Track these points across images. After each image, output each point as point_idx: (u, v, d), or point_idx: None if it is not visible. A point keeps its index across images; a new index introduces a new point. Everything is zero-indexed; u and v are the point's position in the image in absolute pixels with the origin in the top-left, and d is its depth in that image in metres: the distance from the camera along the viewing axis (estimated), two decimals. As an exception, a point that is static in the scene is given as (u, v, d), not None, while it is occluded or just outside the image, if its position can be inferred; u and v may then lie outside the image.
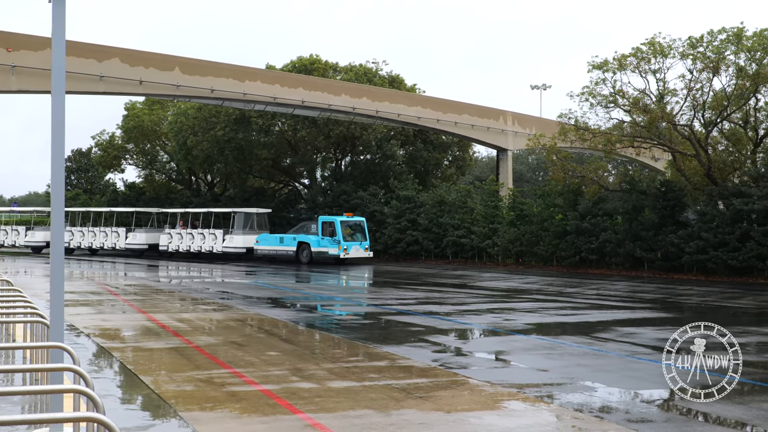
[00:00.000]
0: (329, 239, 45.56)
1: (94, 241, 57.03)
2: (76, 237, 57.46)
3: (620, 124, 42.06)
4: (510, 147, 62.68)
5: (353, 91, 53.40)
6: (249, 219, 51.81)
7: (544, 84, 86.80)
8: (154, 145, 70.65)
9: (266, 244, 48.66)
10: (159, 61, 45.03)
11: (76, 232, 57.55)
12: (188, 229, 52.95)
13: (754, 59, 37.34)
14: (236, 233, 50.77)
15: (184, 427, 9.49)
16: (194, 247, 51.81)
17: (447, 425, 9.61)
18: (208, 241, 51.33)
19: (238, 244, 50.27)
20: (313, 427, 9.43)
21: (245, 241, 50.18)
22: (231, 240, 50.54)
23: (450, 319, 20.59)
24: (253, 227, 51.69)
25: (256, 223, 52.13)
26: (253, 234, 50.58)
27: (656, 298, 26.98)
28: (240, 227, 51.18)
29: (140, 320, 19.45)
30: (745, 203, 35.21)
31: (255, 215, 52.47)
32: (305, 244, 46.47)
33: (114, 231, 56.48)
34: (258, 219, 52.52)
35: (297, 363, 13.61)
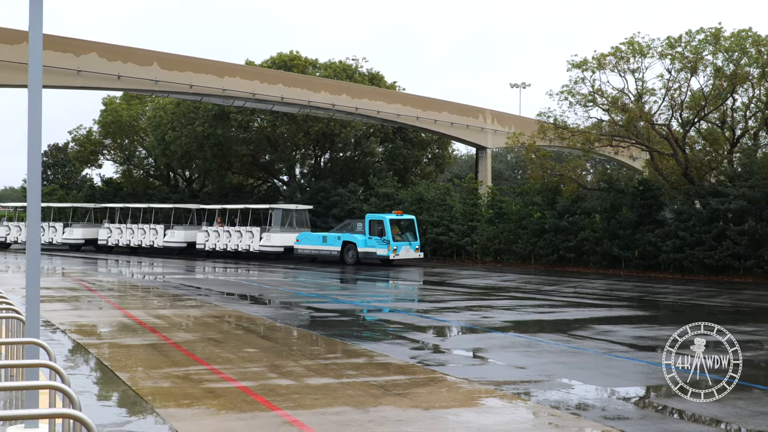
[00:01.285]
0: (377, 239, 42.26)
1: (132, 239, 54.10)
2: (114, 234, 55.02)
3: (599, 123, 42.22)
4: (489, 145, 62.79)
5: (333, 87, 53.34)
6: (288, 216, 49.00)
7: (524, 82, 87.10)
8: (132, 140, 70.28)
9: (308, 243, 45.41)
10: (137, 56, 44.80)
11: (114, 229, 55.21)
12: (226, 227, 50.20)
13: (732, 59, 37.58)
14: (274, 231, 47.81)
15: (161, 424, 9.45)
16: (231, 246, 48.92)
17: (425, 422, 9.61)
18: (245, 239, 48.51)
19: (276, 242, 47.29)
20: (291, 423, 9.42)
21: (283, 240, 47.24)
22: (268, 238, 47.47)
23: (428, 317, 20.62)
24: (292, 225, 48.80)
25: (295, 220, 49.18)
26: (292, 232, 47.70)
27: (633, 297, 27.11)
28: (278, 225, 48.22)
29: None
30: (722, 203, 35.43)
31: (294, 212, 49.43)
32: (351, 244, 43.20)
33: (152, 228, 53.73)
34: (297, 216, 49.53)
35: (275, 360, 13.59)
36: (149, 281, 32.46)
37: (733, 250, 34.85)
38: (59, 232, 57.07)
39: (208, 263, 44.53)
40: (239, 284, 30.51)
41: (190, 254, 51.64)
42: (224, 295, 25.82)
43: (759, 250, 34.27)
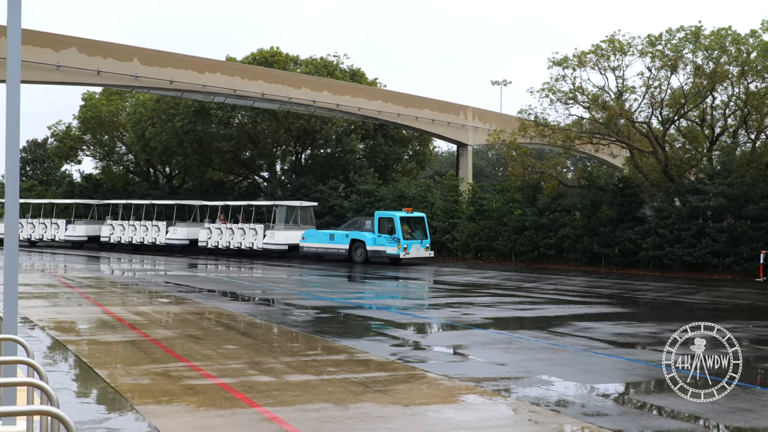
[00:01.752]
0: (387, 237, 40.69)
1: (134, 236, 52.46)
2: (117, 231, 53.31)
3: (579, 120, 42.34)
4: (470, 142, 62.87)
5: (314, 84, 53.29)
6: (292, 213, 47.32)
7: (505, 80, 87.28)
8: (112, 136, 69.86)
9: (314, 240, 43.70)
10: (117, 52, 44.60)
11: (116, 226, 53.55)
12: (229, 224, 48.39)
13: (712, 58, 37.78)
14: (278, 228, 46.12)
15: (140, 421, 9.41)
16: (234, 244, 47.29)
17: (405, 419, 9.62)
18: (249, 236, 46.90)
19: (280, 240, 45.61)
20: (271, 420, 9.41)
21: (287, 238, 45.60)
22: (272, 236, 45.81)
23: (409, 313, 20.63)
24: (296, 222, 47.14)
25: (299, 217, 47.58)
26: (297, 229, 46.09)
27: (613, 294, 27.22)
28: (282, 222, 46.58)
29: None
30: (701, 200, 35.62)
31: (299, 209, 47.77)
32: (359, 242, 41.59)
33: (154, 225, 51.95)
34: (302, 213, 47.94)
35: (255, 356, 13.57)
36: (139, 279, 32.33)
37: (712, 247, 35.04)
38: (62, 229, 55.88)
39: (210, 261, 43.52)
40: (236, 284, 30.41)
41: (192, 252, 50.53)
42: (214, 293, 25.75)
43: (738, 247, 34.46)
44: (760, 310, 22.78)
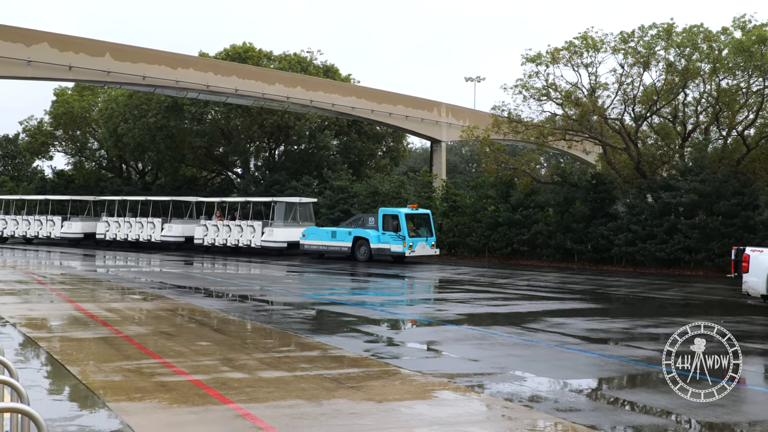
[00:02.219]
0: (392, 234, 39.28)
1: (130, 233, 51.05)
2: (113, 228, 51.96)
3: (552, 117, 42.49)
4: (444, 138, 63.02)
5: (287, 80, 53.21)
6: (291, 209, 46.00)
7: (479, 76, 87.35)
8: (84, 131, 69.43)
9: (315, 238, 42.32)
10: (89, 47, 44.35)
11: (112, 223, 52.18)
12: (226, 221, 47.22)
13: (683, 55, 38.01)
14: (276, 225, 45.02)
15: (112, 418, 9.35)
16: (231, 241, 46.17)
17: (378, 415, 9.62)
18: (246, 234, 45.77)
19: (278, 237, 44.53)
20: (244, 417, 9.38)
21: (286, 235, 44.46)
22: (270, 233, 44.77)
23: (383, 309, 20.63)
24: (295, 219, 45.95)
25: (299, 214, 46.34)
26: (296, 226, 44.93)
27: (586, 289, 27.34)
28: (280, 218, 45.45)
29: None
30: (673, 196, 35.85)
31: (298, 205, 46.55)
32: (363, 240, 40.21)
33: (150, 222, 50.71)
34: (301, 210, 46.68)
35: (228, 353, 13.52)
36: (121, 277, 32.13)
37: (684, 243, 35.29)
38: (57, 227, 54.63)
39: (206, 259, 42.26)
40: (231, 283, 30.28)
41: (188, 249, 49.40)
42: (199, 291, 25.63)
43: (709, 243, 34.72)
44: (731, 306, 22.95)
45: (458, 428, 9.13)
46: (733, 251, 26.47)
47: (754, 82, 37.57)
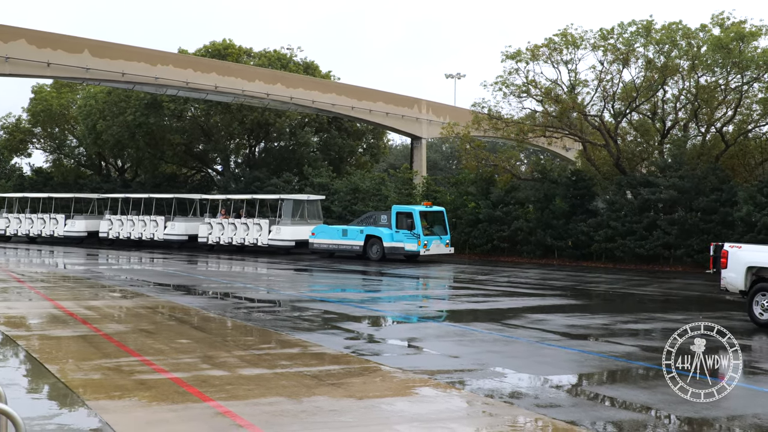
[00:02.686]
0: (406, 232, 37.94)
1: (133, 231, 49.29)
2: (116, 226, 50.20)
3: (532, 113, 42.60)
4: (424, 135, 63.03)
5: (267, 77, 53.10)
6: (299, 207, 44.37)
7: (459, 73, 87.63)
8: (63, 129, 69.00)
9: (325, 236, 40.79)
10: (68, 43, 44.11)
11: (115, 221, 50.33)
12: (231, 219, 45.63)
13: (663, 52, 38.14)
14: (284, 223, 43.35)
15: (92, 417, 9.31)
16: (237, 240, 44.61)
17: (358, 412, 9.62)
18: (252, 232, 44.11)
19: (286, 236, 42.85)
20: (224, 414, 9.35)
21: (294, 233, 42.80)
22: (278, 231, 43.06)
23: (363, 306, 20.62)
24: (303, 216, 44.23)
25: (307, 211, 44.58)
26: (304, 224, 43.31)
27: (566, 286, 27.42)
28: (288, 216, 43.74)
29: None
30: (652, 193, 35.99)
31: (306, 203, 44.78)
32: (376, 239, 38.80)
33: (153, 220, 48.94)
34: (309, 207, 44.95)
35: (208, 350, 13.48)
36: (125, 280, 31.96)
37: (664, 239, 35.44)
38: (60, 225, 53.03)
39: (211, 259, 40.60)
40: (239, 286, 30.14)
41: (192, 248, 47.72)
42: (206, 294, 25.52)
43: (688, 239, 34.88)
44: (710, 302, 23.08)
45: (439, 425, 9.14)
46: (711, 247, 26.61)
47: (732, 79, 37.76)
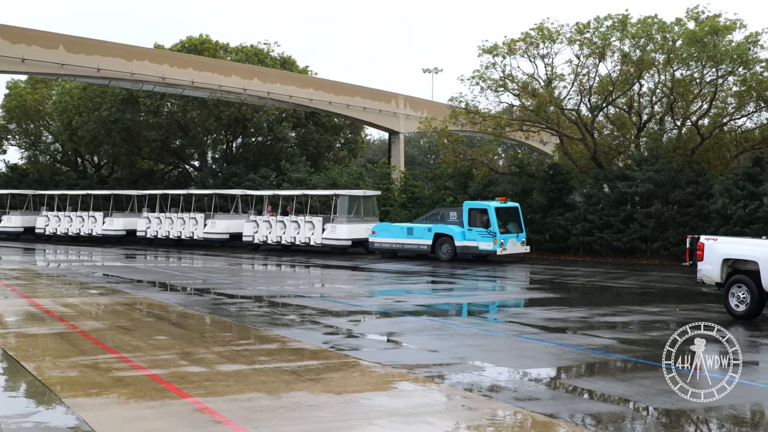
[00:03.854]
0: (480, 230, 34.87)
1: (172, 230, 46.40)
2: (153, 224, 47.21)
3: (510, 108, 42.65)
4: (402, 130, 63.02)
5: (244, 72, 52.93)
6: (354, 203, 40.59)
7: (436, 68, 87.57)
8: (38, 125, 68.57)
9: (387, 235, 37.79)
10: (42, 39, 43.79)
11: (153, 219, 47.47)
12: (279, 216, 42.03)
13: (638, 46, 38.29)
14: (339, 221, 39.66)
15: (69, 414, 9.24)
16: (287, 239, 40.97)
17: (337, 407, 9.60)
18: (304, 231, 40.42)
19: (342, 235, 39.19)
20: (202, 411, 9.31)
21: (351, 232, 39.22)
22: (333, 230, 39.46)
23: (342, 301, 20.59)
24: (359, 213, 40.47)
25: (362, 208, 40.88)
26: (360, 222, 39.80)
27: (544, 279, 27.51)
28: (344, 213, 39.86)
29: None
30: (629, 186, 36.15)
31: (362, 198, 41.14)
32: (446, 237, 35.71)
33: (192, 217, 46.06)
34: (365, 204, 41.26)
35: (186, 347, 13.42)
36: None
37: (641, 232, 35.60)
38: (99, 223, 49.76)
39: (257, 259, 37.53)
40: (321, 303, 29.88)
41: (234, 247, 44.55)
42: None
43: (665, 232, 35.06)
44: (686, 294, 23.21)
45: (418, 419, 9.14)
46: (687, 240, 26.79)
47: (707, 73, 37.96)
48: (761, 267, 16.55)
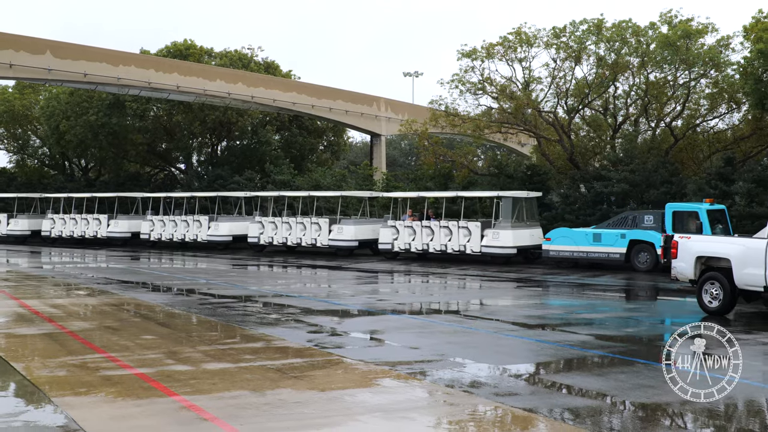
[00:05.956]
0: None
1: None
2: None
3: (488, 110, 42.77)
4: (383, 132, 63.12)
5: (229, 76, 52.89)
6: (517, 206, 34.31)
7: (417, 71, 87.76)
8: (26, 129, 68.24)
9: (566, 242, 31.60)
10: (29, 45, 43.63)
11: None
12: (423, 222, 36.06)
13: (613, 49, 38.48)
14: (502, 226, 33.38)
15: (58, 413, 9.20)
16: (435, 246, 35.05)
17: (321, 403, 9.59)
18: (458, 237, 34.33)
19: (506, 242, 33.05)
20: (189, 408, 9.29)
21: (516, 239, 33.16)
22: (495, 236, 33.17)
23: (326, 300, 20.58)
24: (521, 218, 34.40)
25: (525, 212, 34.89)
26: (524, 227, 34.06)
27: (522, 278, 27.55)
28: (508, 217, 33.72)
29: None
30: (605, 186, 36.27)
31: (524, 201, 34.80)
32: (645, 244, 29.94)
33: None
34: (527, 206, 35.21)
35: (173, 346, 13.38)
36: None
37: (616, 231, 35.65)
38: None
39: (399, 272, 30.74)
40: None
41: (360, 256, 38.96)
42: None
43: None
44: (661, 290, 23.31)
45: (400, 415, 9.14)
46: (662, 238, 26.92)
47: (680, 75, 38.21)
48: (733, 264, 16.65)
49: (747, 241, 16.92)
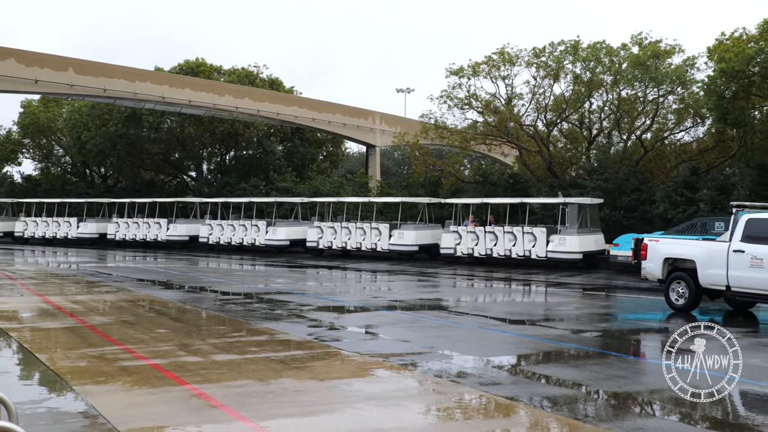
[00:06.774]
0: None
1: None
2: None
3: (474, 123, 42.84)
4: (378, 143, 63.17)
5: (236, 92, 52.90)
6: (582, 212, 32.27)
7: (408, 87, 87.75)
8: (50, 140, 68.15)
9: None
10: (53, 62, 43.61)
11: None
12: (487, 227, 33.94)
13: (589, 68, 38.56)
14: (569, 232, 31.46)
15: (78, 400, 9.18)
16: (499, 251, 33.05)
17: (321, 392, 9.58)
18: (523, 242, 32.33)
19: (573, 247, 31.08)
20: (199, 396, 9.27)
21: (582, 244, 31.25)
22: (561, 242, 31.23)
23: (325, 298, 20.56)
24: (585, 224, 32.32)
25: (588, 218, 32.71)
26: (588, 233, 31.97)
27: (505, 278, 27.56)
28: (573, 224, 31.65)
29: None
30: (581, 193, 36.29)
31: (588, 207, 32.67)
32: None
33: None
34: (591, 213, 33.06)
35: (184, 339, 13.35)
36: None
37: (591, 235, 35.66)
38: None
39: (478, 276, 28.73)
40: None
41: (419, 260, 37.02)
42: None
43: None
44: (632, 289, 23.34)
45: (393, 402, 9.13)
46: (633, 240, 26.95)
47: (650, 92, 38.31)
48: (698, 265, 16.70)
49: (710, 244, 16.97)
